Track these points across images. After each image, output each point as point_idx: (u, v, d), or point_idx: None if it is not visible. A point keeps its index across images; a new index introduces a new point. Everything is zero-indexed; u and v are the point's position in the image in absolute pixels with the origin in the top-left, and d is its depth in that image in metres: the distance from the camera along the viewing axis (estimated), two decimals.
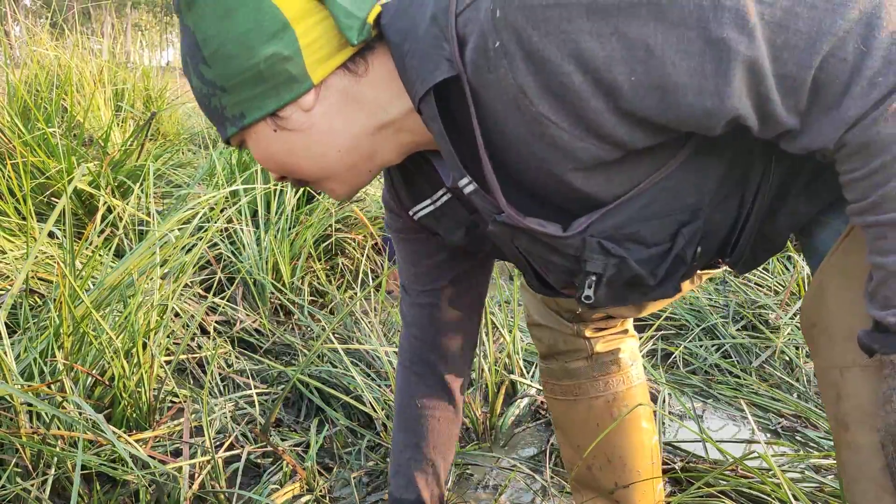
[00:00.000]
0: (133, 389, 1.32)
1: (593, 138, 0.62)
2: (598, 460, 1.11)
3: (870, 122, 0.55)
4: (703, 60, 0.55)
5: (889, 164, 0.55)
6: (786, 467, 1.39)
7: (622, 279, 0.73)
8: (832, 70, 0.54)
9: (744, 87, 0.56)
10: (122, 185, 2.44)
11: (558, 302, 1.06)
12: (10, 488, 1.07)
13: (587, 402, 1.10)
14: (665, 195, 0.68)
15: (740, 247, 0.77)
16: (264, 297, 2.13)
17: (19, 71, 3.24)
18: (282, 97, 0.68)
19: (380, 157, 0.75)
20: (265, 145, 0.72)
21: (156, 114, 2.96)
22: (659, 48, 0.56)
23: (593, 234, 0.69)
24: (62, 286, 1.23)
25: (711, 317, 2.19)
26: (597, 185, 0.67)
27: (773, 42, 0.54)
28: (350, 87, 0.70)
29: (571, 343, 1.08)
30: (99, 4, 11.12)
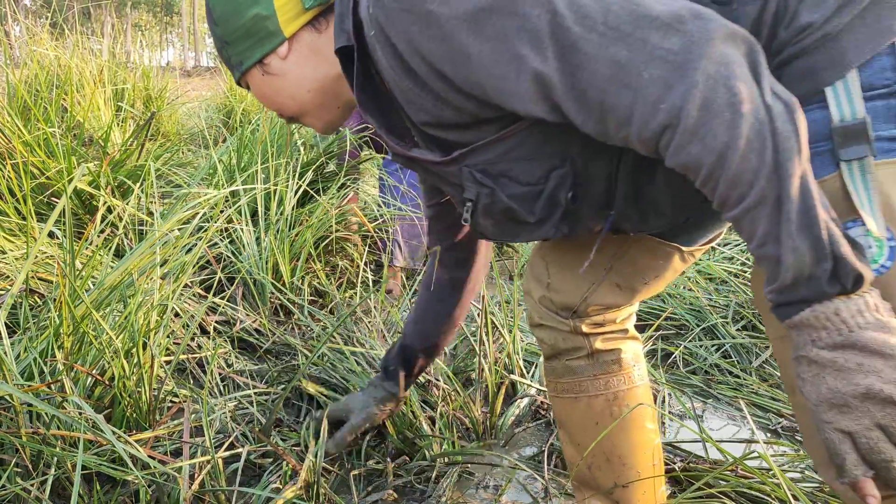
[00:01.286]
0: (133, 389, 1.32)
1: (450, 109, 0.76)
2: (597, 459, 1.11)
3: (675, 147, 0.63)
4: (508, 70, 0.68)
5: (710, 174, 0.63)
6: (786, 467, 1.39)
7: (498, 210, 0.84)
8: (617, 94, 0.63)
9: (536, 96, 0.68)
10: (122, 185, 2.44)
11: (553, 300, 1.08)
12: (10, 488, 1.07)
13: (587, 400, 1.11)
14: (531, 141, 0.78)
15: (618, 201, 0.85)
16: (264, 297, 2.13)
17: (19, 71, 3.24)
18: (264, 48, 0.88)
19: (345, 95, 0.93)
20: (258, 86, 0.93)
21: (156, 114, 2.96)
22: (476, 56, 0.69)
23: (469, 165, 0.81)
24: (62, 286, 1.23)
25: (711, 317, 2.19)
26: (469, 137, 0.80)
27: (565, 62, 0.65)
28: (315, 41, 0.89)
29: (571, 341, 1.09)
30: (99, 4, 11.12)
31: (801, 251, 0.60)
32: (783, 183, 0.60)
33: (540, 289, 1.10)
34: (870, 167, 0.65)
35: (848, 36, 0.66)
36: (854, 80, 0.66)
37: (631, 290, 1.06)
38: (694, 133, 0.61)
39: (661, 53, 0.61)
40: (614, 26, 0.63)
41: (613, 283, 1.05)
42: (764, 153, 0.60)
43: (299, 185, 2.46)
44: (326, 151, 2.75)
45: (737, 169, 0.61)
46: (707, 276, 2.48)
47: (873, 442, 0.60)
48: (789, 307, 0.63)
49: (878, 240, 0.65)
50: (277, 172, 2.52)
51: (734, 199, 0.63)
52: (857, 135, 0.65)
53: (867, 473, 0.61)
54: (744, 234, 0.64)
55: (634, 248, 1.03)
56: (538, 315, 1.11)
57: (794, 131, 0.60)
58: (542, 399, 1.73)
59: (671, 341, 2.17)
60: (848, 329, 0.60)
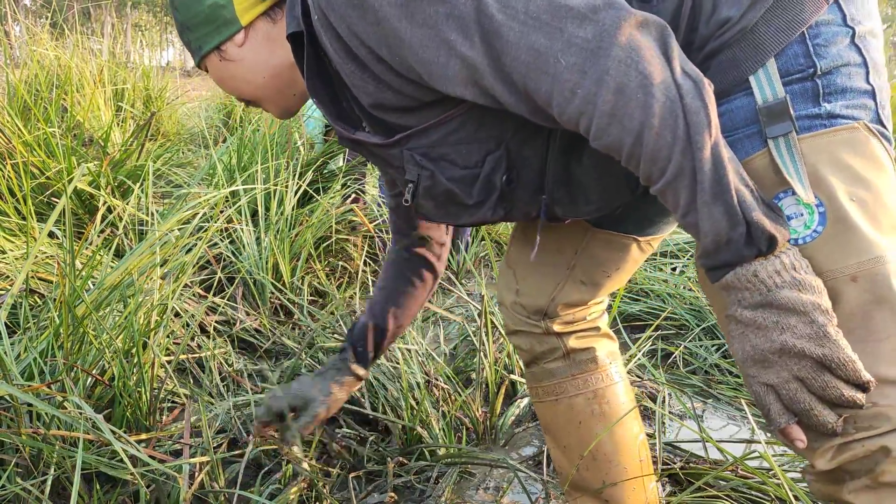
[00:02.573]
0: (133, 389, 1.32)
1: (391, 91, 0.80)
2: (584, 459, 1.12)
3: (596, 130, 0.67)
4: (438, 54, 0.71)
5: (632, 153, 0.67)
6: (786, 467, 1.39)
7: (438, 192, 0.87)
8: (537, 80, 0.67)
9: (465, 79, 0.72)
10: (122, 185, 2.44)
11: (524, 304, 1.11)
12: (10, 488, 1.07)
13: (567, 401, 1.13)
14: (469, 125, 0.82)
15: (549, 184, 0.88)
16: (264, 297, 2.13)
17: (19, 71, 3.24)
18: (221, 34, 0.92)
19: (300, 84, 0.97)
20: (215, 71, 0.96)
21: (156, 114, 2.96)
22: (408, 41, 0.72)
23: (410, 148, 0.85)
24: (62, 286, 1.23)
25: (711, 317, 2.19)
26: (410, 121, 0.83)
27: (489, 48, 0.69)
28: (270, 30, 0.93)
29: (546, 342, 1.12)
30: (99, 4, 11.11)
31: (716, 218, 0.64)
32: (696, 155, 0.64)
33: (510, 295, 1.13)
34: (794, 142, 0.71)
35: (763, 28, 0.72)
36: (772, 67, 0.72)
37: (594, 284, 1.10)
38: (612, 116, 0.65)
39: (576, 41, 0.65)
40: (535, 15, 0.67)
41: (577, 280, 1.09)
42: (676, 129, 0.64)
43: (299, 185, 2.46)
44: (326, 152, 2.75)
45: (654, 146, 0.65)
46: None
47: (793, 393, 0.65)
48: (716, 271, 0.68)
49: (809, 206, 0.70)
50: (277, 172, 2.52)
51: (656, 175, 0.67)
52: (780, 113, 0.71)
53: (791, 421, 0.67)
54: (669, 206, 0.68)
55: (593, 244, 1.06)
56: (512, 322, 1.14)
57: (703, 106, 0.64)
58: None
59: (671, 341, 2.17)
60: (766, 289, 0.65)
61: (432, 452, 1.46)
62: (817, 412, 0.65)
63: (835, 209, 0.69)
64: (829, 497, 0.72)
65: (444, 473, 1.42)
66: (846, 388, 0.64)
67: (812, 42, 0.72)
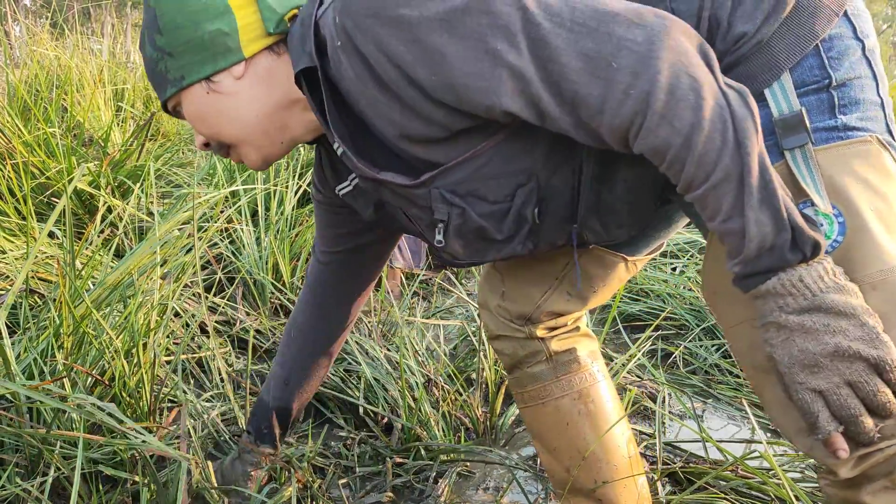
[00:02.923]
0: (133, 389, 1.32)
1: (420, 120, 0.76)
2: (573, 460, 1.12)
3: (645, 131, 0.67)
4: (482, 66, 0.69)
5: (677, 156, 0.67)
6: (786, 467, 1.39)
7: (469, 229, 0.85)
8: (589, 84, 0.67)
9: (513, 90, 0.70)
10: (122, 185, 2.44)
11: (509, 309, 1.11)
12: (10, 488, 1.07)
13: (553, 403, 1.13)
14: (498, 159, 0.80)
15: (581, 213, 0.87)
16: (264, 297, 2.13)
17: (19, 71, 3.24)
18: (217, 64, 0.85)
19: (290, 131, 0.91)
20: (197, 105, 0.87)
21: (156, 114, 2.96)
22: (450, 56, 0.70)
23: (438, 186, 0.81)
24: (62, 286, 1.23)
25: (711, 317, 2.19)
26: (437, 155, 0.80)
27: (537, 55, 0.68)
28: (271, 66, 0.87)
29: (528, 346, 1.12)
30: (99, 4, 11.12)
31: (763, 222, 0.64)
32: (745, 160, 0.65)
33: (495, 299, 1.13)
34: (810, 153, 0.71)
35: (777, 42, 0.73)
36: (787, 80, 0.74)
37: (580, 298, 1.10)
38: (662, 116, 0.66)
39: (626, 44, 0.66)
40: (581, 21, 0.67)
41: (564, 291, 1.09)
42: (726, 133, 0.65)
43: (299, 185, 2.46)
44: None
45: (702, 149, 0.65)
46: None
47: (843, 398, 0.65)
48: (754, 278, 0.68)
49: (827, 216, 0.70)
50: (278, 172, 2.52)
51: (700, 179, 0.67)
52: (796, 125, 0.72)
53: (838, 429, 0.66)
54: (708, 212, 0.68)
55: (583, 259, 1.07)
56: (495, 326, 1.14)
57: (750, 113, 0.66)
58: None
59: (671, 341, 2.17)
60: (811, 293, 0.65)
61: (430, 452, 1.46)
62: (864, 419, 0.64)
63: (853, 219, 0.69)
64: (845, 501, 0.71)
65: (443, 473, 1.42)
66: (891, 394, 0.64)
67: (826, 55, 0.73)
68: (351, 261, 1.19)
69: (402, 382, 1.51)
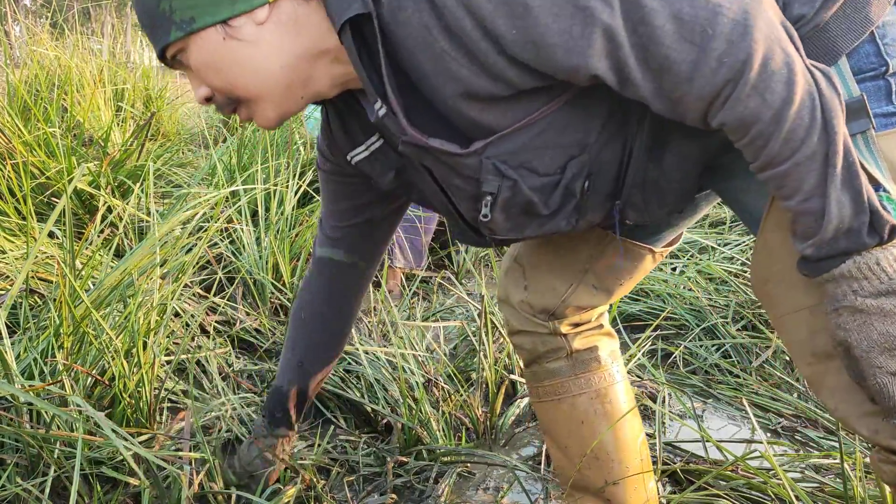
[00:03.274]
0: (133, 389, 1.32)
1: (487, 76, 0.71)
2: (586, 458, 1.12)
3: (734, 100, 0.65)
4: (572, 24, 0.65)
5: (764, 130, 0.65)
6: (786, 467, 1.39)
7: (516, 204, 0.81)
8: (681, 49, 0.64)
9: (603, 51, 0.66)
10: (122, 185, 2.44)
11: (532, 304, 1.09)
12: (10, 488, 1.07)
13: (570, 400, 1.12)
14: (553, 129, 0.77)
15: (626, 188, 0.85)
16: (264, 297, 2.13)
17: (19, 71, 3.24)
18: (236, 6, 0.74)
19: (314, 85, 0.82)
20: (210, 53, 0.77)
21: (156, 114, 2.96)
22: (535, 9, 0.65)
23: (489, 156, 0.78)
24: (62, 286, 1.23)
25: (711, 317, 2.19)
26: (492, 118, 0.76)
27: (629, 16, 0.65)
28: (299, 11, 0.77)
29: (550, 343, 1.11)
30: (99, 4, 11.12)
31: (843, 204, 0.64)
32: (832, 139, 0.64)
33: (518, 293, 1.11)
34: (872, 139, 0.71)
35: (835, 27, 0.72)
36: (845, 65, 0.73)
37: (606, 291, 1.09)
38: (755, 87, 0.64)
39: (723, 11, 0.64)
40: None
41: (590, 284, 1.08)
42: (815, 111, 0.64)
43: (299, 185, 2.46)
44: None
45: (791, 125, 0.64)
46: (707, 276, 2.48)
47: None
48: (828, 261, 0.67)
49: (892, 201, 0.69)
50: (278, 172, 2.52)
51: (784, 156, 0.65)
52: (858, 111, 0.71)
53: None
54: (786, 191, 0.67)
55: (610, 251, 1.05)
56: (517, 321, 1.12)
57: (837, 94, 0.66)
58: None
59: (671, 341, 2.16)
60: (888, 277, 0.65)
61: (431, 452, 1.46)
62: None
63: None
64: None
65: (443, 473, 1.42)
66: None
67: (881, 42, 0.73)
68: (362, 235, 1.12)
69: (402, 383, 1.51)
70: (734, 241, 2.80)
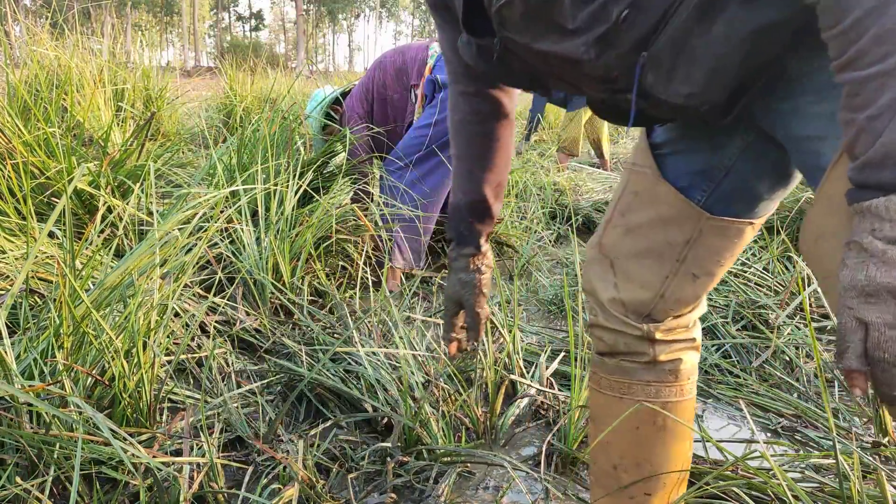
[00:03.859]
0: (133, 389, 1.32)
1: None
2: (625, 461, 1.07)
3: None
4: None
5: (861, 19, 0.59)
6: (786, 467, 1.39)
7: None
8: None
9: None
10: (122, 185, 2.44)
11: (625, 302, 1.03)
12: (9, 488, 1.07)
13: (633, 403, 1.05)
14: None
15: (661, 41, 0.78)
16: (264, 297, 2.13)
17: (19, 71, 3.24)
18: None
19: None
20: None
21: (156, 114, 2.96)
22: None
23: None
24: (62, 286, 1.23)
25: (711, 317, 2.19)
26: None
27: None
28: None
29: (635, 346, 1.04)
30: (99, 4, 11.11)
31: None
32: None
33: (607, 290, 1.03)
34: None
35: None
36: None
37: (708, 274, 1.00)
38: None
39: None
40: None
41: (689, 272, 0.98)
42: None
43: (299, 185, 2.46)
44: (326, 152, 2.75)
45: (892, 25, 0.59)
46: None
47: (884, 338, 0.62)
48: (864, 191, 0.63)
49: None
50: (278, 172, 2.52)
51: (872, 58, 0.60)
52: None
53: (863, 367, 0.63)
54: (858, 101, 0.62)
55: (707, 233, 0.97)
56: (605, 319, 1.04)
57: None
58: (542, 399, 1.73)
59: None
60: None
61: (431, 452, 1.46)
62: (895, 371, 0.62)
63: None
64: None
65: (443, 473, 1.42)
66: None
67: None
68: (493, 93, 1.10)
69: (404, 384, 1.51)
70: None
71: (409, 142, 2.64)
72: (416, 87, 2.72)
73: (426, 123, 2.60)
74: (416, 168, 2.64)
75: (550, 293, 2.65)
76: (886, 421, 1.54)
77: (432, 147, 2.61)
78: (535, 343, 2.05)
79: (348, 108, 2.91)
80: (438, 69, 2.66)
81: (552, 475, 1.44)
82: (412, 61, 2.74)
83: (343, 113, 2.96)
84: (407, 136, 2.67)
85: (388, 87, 2.80)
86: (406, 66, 2.75)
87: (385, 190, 2.68)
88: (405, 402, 1.51)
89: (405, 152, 2.64)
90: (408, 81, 2.75)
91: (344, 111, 2.95)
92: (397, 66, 2.78)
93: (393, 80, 2.79)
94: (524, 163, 5.27)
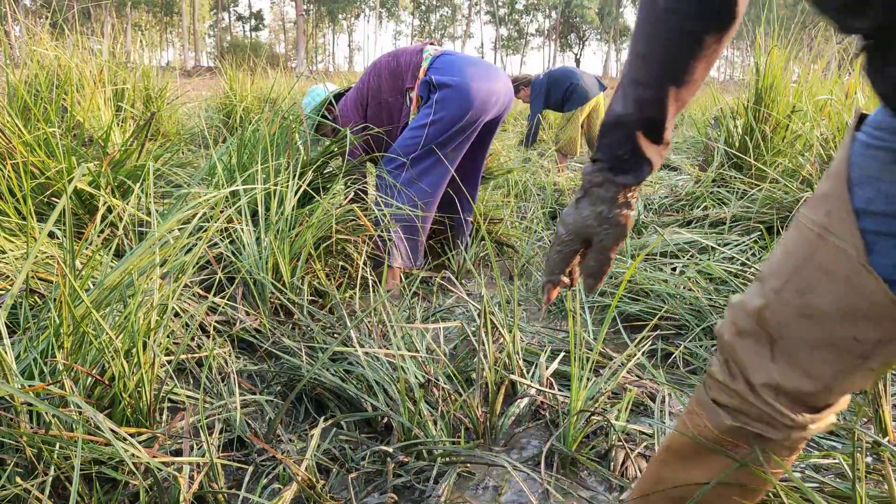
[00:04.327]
0: (133, 389, 1.32)
1: None
2: (660, 496, 0.98)
3: None
4: None
5: None
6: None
7: None
8: None
9: None
10: (122, 185, 2.44)
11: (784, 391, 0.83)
12: (10, 488, 1.07)
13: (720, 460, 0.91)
14: None
15: None
16: (264, 297, 2.13)
17: (19, 71, 3.24)
18: None
19: None
20: None
21: (156, 114, 2.96)
22: None
23: None
24: (62, 286, 1.23)
25: (711, 317, 2.19)
26: None
27: None
28: None
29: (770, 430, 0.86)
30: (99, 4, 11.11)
31: None
32: None
33: (761, 371, 0.84)
34: None
35: None
36: None
37: (887, 365, 0.81)
38: None
39: None
40: None
41: (869, 368, 0.80)
42: None
43: (299, 185, 2.46)
44: (326, 152, 2.75)
45: None
46: (707, 276, 2.48)
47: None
48: None
49: None
50: (278, 172, 2.52)
51: None
52: None
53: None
54: None
55: None
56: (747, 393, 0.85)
57: None
58: (542, 399, 1.73)
59: (671, 341, 2.17)
60: None
61: (431, 452, 1.46)
62: None
63: None
64: None
65: (443, 473, 1.42)
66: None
67: None
68: None
69: (402, 384, 1.51)
70: (734, 241, 2.80)
71: (405, 141, 2.65)
72: (412, 89, 2.73)
73: (422, 123, 2.61)
74: (413, 167, 2.64)
75: None
76: (886, 421, 1.54)
77: (429, 146, 2.62)
78: (535, 343, 2.06)
79: (342, 112, 2.91)
80: (433, 71, 2.67)
81: (552, 475, 1.44)
82: (406, 65, 2.76)
83: (336, 115, 2.97)
84: (403, 135, 2.68)
85: (384, 90, 2.81)
86: (401, 70, 2.77)
87: (382, 189, 2.69)
88: (404, 403, 1.51)
89: (402, 151, 2.65)
90: (403, 84, 2.76)
91: (338, 114, 2.95)
92: (392, 70, 2.79)
93: (388, 83, 2.80)
94: (524, 162, 5.27)
